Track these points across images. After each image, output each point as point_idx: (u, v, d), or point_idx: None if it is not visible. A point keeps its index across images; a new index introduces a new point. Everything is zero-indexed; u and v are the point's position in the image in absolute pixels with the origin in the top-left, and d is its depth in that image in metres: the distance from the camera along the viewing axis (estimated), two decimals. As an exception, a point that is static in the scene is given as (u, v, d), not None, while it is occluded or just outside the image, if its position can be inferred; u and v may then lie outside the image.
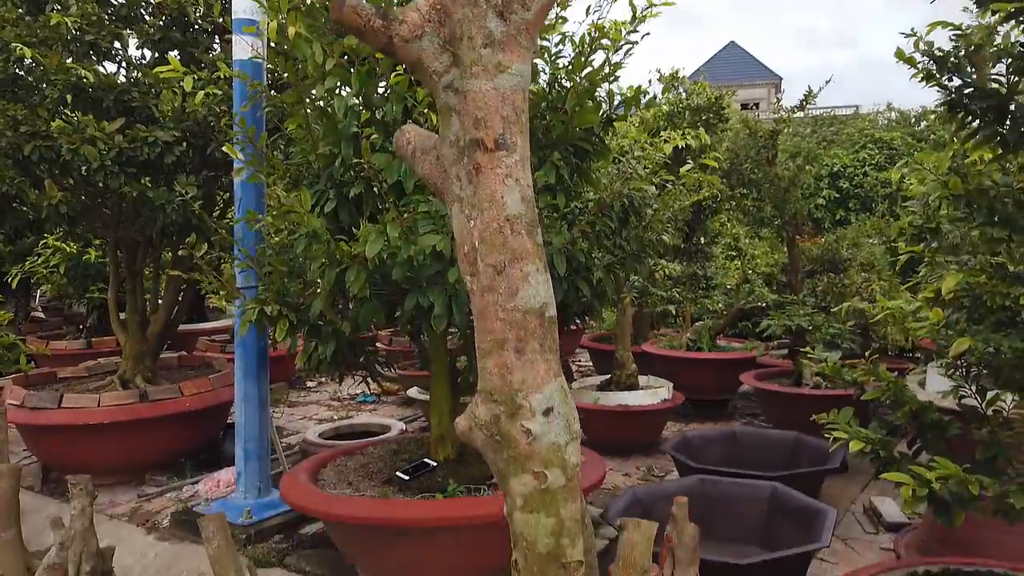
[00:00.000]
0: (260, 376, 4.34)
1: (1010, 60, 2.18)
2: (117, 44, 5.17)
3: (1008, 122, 2.14)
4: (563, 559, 0.97)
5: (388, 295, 3.27)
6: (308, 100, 3.52)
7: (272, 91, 4.30)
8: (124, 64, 5.30)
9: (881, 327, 4.24)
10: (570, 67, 3.41)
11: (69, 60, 4.79)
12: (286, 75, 3.44)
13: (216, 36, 5.35)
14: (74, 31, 4.82)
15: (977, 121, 2.18)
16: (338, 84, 3.37)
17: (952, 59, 2.18)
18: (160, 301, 5.67)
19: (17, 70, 4.76)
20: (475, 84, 1.35)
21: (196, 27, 5.25)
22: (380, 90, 3.49)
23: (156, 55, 5.25)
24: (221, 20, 5.12)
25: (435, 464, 3.79)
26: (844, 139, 17.41)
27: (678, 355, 6.79)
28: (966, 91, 2.16)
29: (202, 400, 5.15)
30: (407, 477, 3.69)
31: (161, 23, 5.16)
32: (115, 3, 5.16)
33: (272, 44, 3.54)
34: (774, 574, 3.21)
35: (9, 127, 4.44)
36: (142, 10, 5.18)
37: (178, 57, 4.76)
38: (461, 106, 1.35)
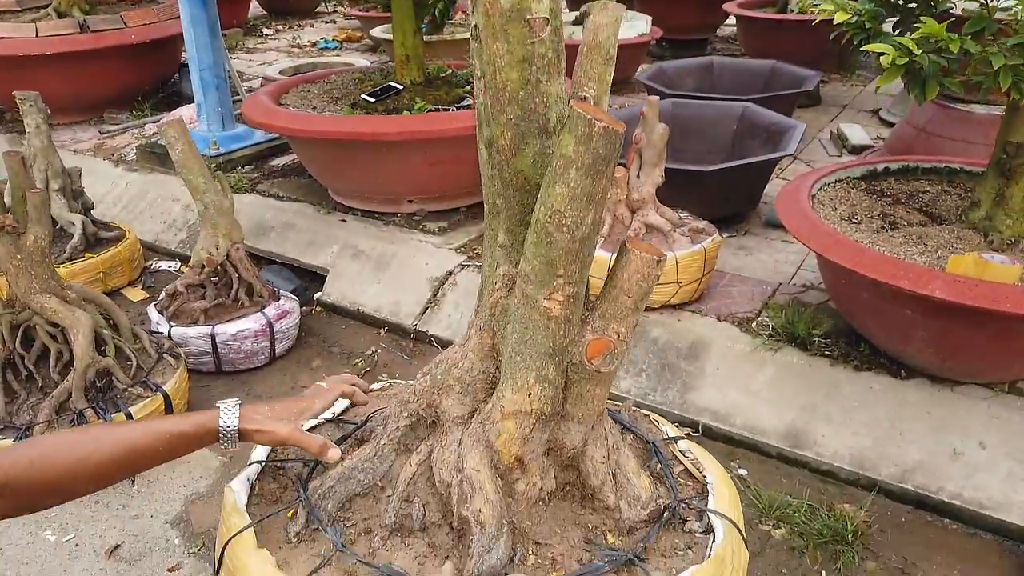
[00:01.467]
0: (205, -4, 3.98)
1: None
2: None
3: None
4: (527, 15, 0.88)
5: None
6: None
7: None
8: None
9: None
10: None
11: None
12: None
13: None
14: None
15: None
16: None
17: None
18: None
19: None
20: None
21: None
22: None
23: None
24: None
25: (401, 87, 3.66)
26: None
27: (659, -11, 6.35)
28: None
29: (149, 32, 4.81)
30: (373, 99, 3.58)
31: None
32: None
33: None
34: (736, 182, 3.29)
35: None
36: None
37: None
38: None
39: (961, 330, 2.13)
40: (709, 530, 1.11)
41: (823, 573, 2.02)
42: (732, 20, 6.13)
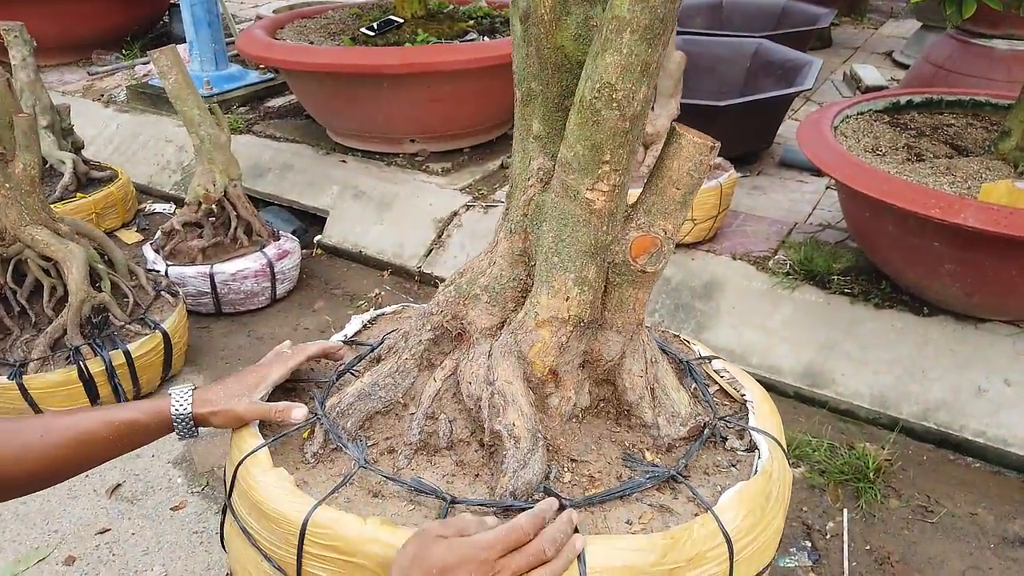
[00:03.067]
0: (196, -74, 3.81)
1: None
2: None
3: None
4: None
5: None
6: None
7: None
8: None
9: None
10: None
11: None
12: None
13: None
14: None
15: None
16: None
17: None
18: None
19: None
20: None
21: None
22: None
23: None
24: None
25: (402, 21, 3.52)
26: None
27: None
28: None
29: (137, -32, 4.63)
30: (373, 33, 3.43)
31: None
32: None
33: None
34: (751, 119, 3.18)
35: None
36: None
37: None
38: None
39: (991, 263, 2.05)
40: (752, 448, 1.04)
41: (844, 511, 1.97)
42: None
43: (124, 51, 4.88)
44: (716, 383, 1.17)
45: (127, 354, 2.19)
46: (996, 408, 2.15)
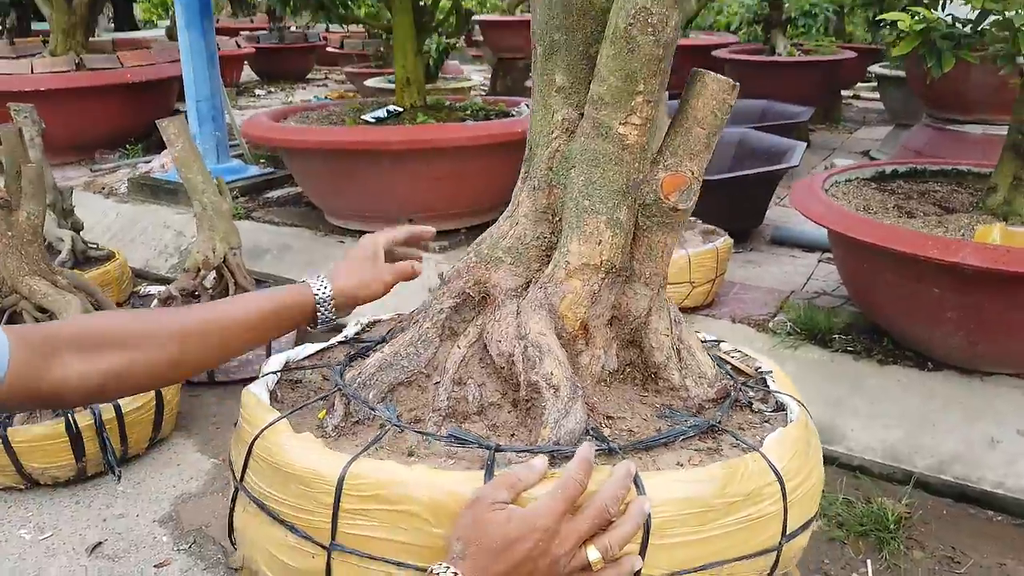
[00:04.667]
0: (205, 27, 4.00)
1: None
2: None
3: None
4: None
5: None
6: None
7: None
8: None
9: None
10: None
11: None
12: None
13: None
14: None
15: None
16: None
17: None
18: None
19: None
20: None
21: None
22: None
23: None
24: None
25: (402, 110, 3.66)
26: None
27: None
28: None
29: (144, 73, 4.82)
30: (374, 121, 3.56)
31: None
32: None
33: None
34: (742, 196, 3.27)
35: None
36: None
37: None
38: None
39: (992, 305, 2.06)
40: (778, 409, 1.01)
41: (868, 562, 1.88)
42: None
43: (127, 147, 5.01)
44: (728, 363, 1.15)
45: (118, 409, 2.11)
46: (1012, 459, 2.10)
